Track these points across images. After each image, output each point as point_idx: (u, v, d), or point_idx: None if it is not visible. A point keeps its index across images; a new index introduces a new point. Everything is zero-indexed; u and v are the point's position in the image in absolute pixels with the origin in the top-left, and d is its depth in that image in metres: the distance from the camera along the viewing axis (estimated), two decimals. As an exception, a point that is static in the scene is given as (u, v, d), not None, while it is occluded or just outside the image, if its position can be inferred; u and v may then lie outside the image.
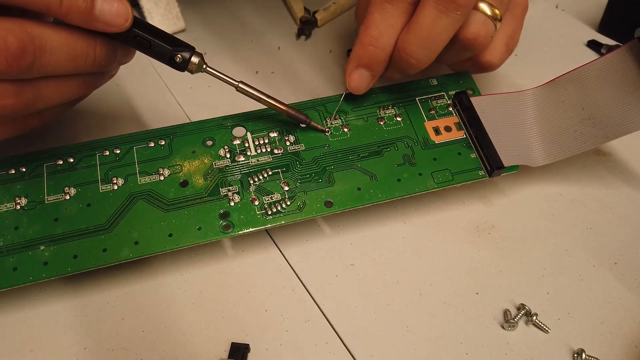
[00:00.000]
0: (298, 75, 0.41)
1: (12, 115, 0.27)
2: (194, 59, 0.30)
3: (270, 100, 0.32)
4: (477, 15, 0.31)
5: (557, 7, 0.48)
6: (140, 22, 0.29)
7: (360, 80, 0.33)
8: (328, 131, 0.34)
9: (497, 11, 0.32)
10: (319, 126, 0.34)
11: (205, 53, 0.42)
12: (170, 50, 0.29)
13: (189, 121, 0.37)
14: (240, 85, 0.31)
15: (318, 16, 0.45)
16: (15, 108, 0.26)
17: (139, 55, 0.42)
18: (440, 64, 0.37)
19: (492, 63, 0.35)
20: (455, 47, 0.32)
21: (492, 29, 0.32)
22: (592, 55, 0.44)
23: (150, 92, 0.40)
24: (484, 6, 0.31)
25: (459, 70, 0.37)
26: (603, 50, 0.44)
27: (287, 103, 0.33)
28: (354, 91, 0.34)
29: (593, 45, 0.45)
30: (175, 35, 0.31)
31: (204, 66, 0.31)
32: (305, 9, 0.45)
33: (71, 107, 0.32)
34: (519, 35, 0.36)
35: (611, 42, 0.44)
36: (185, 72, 0.30)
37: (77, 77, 0.29)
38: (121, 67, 0.41)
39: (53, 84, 0.28)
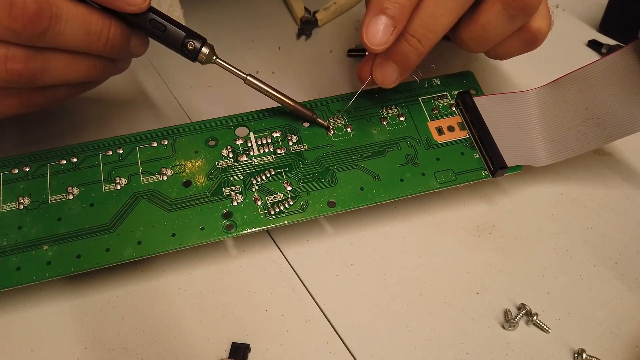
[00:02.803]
0: (298, 75, 0.41)
1: (18, 84, 0.27)
2: (205, 50, 0.30)
3: (277, 95, 0.32)
4: (542, 9, 0.31)
5: (557, 6, 0.48)
6: (155, 9, 0.29)
7: (391, 74, 0.31)
8: (331, 130, 0.34)
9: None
10: (325, 123, 0.34)
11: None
12: (183, 37, 0.30)
13: (190, 121, 0.37)
14: (249, 78, 0.32)
15: (318, 16, 0.45)
16: (22, 75, 0.26)
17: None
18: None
19: (542, 30, 0.32)
20: (509, 14, 0.30)
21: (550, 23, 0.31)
22: (592, 55, 0.44)
23: (151, 92, 0.40)
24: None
25: (504, 51, 0.34)
26: (604, 50, 0.44)
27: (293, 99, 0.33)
28: (384, 85, 0.32)
29: (594, 45, 0.45)
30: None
31: (214, 57, 0.31)
32: (306, 9, 0.45)
33: (77, 94, 0.32)
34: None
35: (612, 42, 0.44)
36: (196, 62, 0.31)
37: (88, 58, 0.29)
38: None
39: (63, 59, 0.28)
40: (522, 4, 0.29)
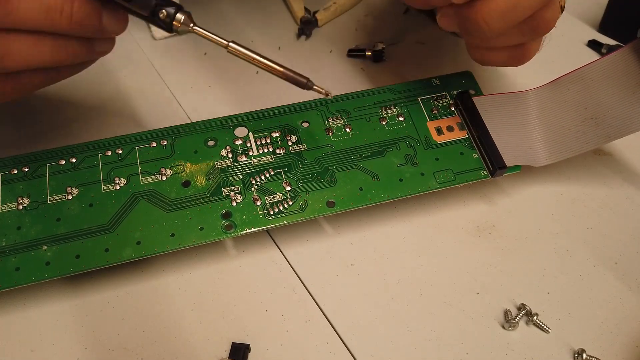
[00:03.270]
0: (299, 75, 0.41)
1: None
2: (179, 16, 0.27)
3: (265, 61, 0.30)
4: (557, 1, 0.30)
5: (557, 7, 0.48)
6: None
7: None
8: (330, 95, 0.31)
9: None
10: (322, 89, 0.31)
11: (205, 53, 0.42)
12: (152, 5, 0.27)
13: (190, 121, 0.37)
14: (231, 44, 0.29)
15: (318, 16, 0.45)
16: None
17: (139, 55, 0.42)
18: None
19: (531, 52, 0.33)
20: (523, 26, 0.30)
21: (558, 17, 0.31)
22: (592, 55, 0.44)
23: (151, 92, 0.40)
24: None
25: (490, 60, 0.34)
26: (603, 50, 0.44)
27: (284, 71, 0.30)
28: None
29: (593, 45, 0.45)
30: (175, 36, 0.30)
31: (191, 25, 0.28)
32: (306, 9, 0.45)
33: (53, 81, 0.29)
34: None
35: (612, 42, 0.44)
36: (173, 33, 0.28)
37: (54, 38, 0.26)
38: (121, 67, 0.41)
39: (25, 40, 0.25)
40: (541, 25, 0.30)
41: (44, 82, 0.29)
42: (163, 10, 0.27)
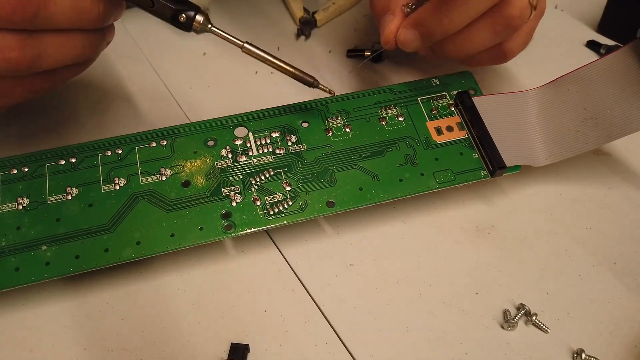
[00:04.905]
0: (298, 75, 0.41)
1: (18, 72, 0.27)
2: (199, 18, 0.29)
3: (277, 62, 0.32)
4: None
5: (556, 7, 0.48)
6: None
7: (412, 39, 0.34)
8: (334, 93, 0.33)
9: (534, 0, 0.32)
10: (327, 88, 0.33)
11: (204, 54, 0.42)
12: (173, 9, 0.29)
13: (189, 121, 0.37)
14: (246, 45, 0.31)
15: (317, 16, 0.45)
16: (20, 62, 0.26)
17: (138, 55, 0.42)
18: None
19: (512, 51, 0.35)
20: (493, 25, 0.32)
21: (528, 14, 0.32)
22: (591, 55, 0.44)
23: (150, 92, 0.40)
24: None
25: (474, 62, 0.37)
26: (602, 51, 0.44)
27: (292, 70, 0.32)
28: (404, 47, 0.34)
29: (592, 45, 0.45)
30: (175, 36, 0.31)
31: (209, 26, 0.30)
32: (305, 9, 0.45)
33: (78, 73, 0.31)
34: (532, 36, 0.36)
35: (610, 43, 0.44)
36: (191, 32, 0.30)
37: (82, 34, 0.28)
38: (121, 67, 0.41)
39: (58, 39, 0.27)
40: (507, 22, 0.32)
41: (71, 75, 0.31)
42: (183, 15, 0.29)
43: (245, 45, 0.31)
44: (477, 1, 0.31)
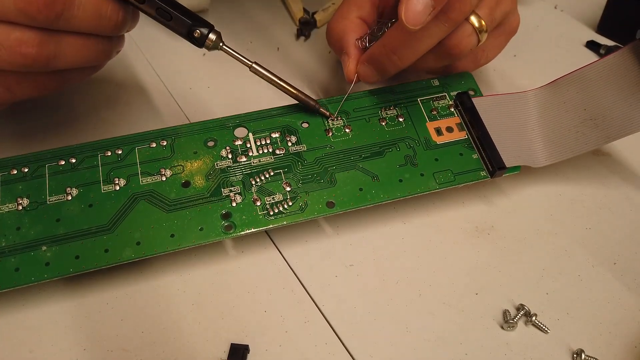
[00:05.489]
0: (297, 76, 0.41)
1: (32, 67, 0.27)
2: (212, 36, 0.31)
3: (282, 83, 0.33)
4: (465, 26, 0.32)
5: (555, 7, 0.48)
6: None
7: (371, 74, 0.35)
8: (333, 117, 0.34)
9: (484, 24, 0.32)
10: (327, 112, 0.34)
11: (204, 54, 0.42)
12: (189, 25, 0.30)
13: (189, 122, 0.37)
14: (254, 65, 0.32)
15: (317, 17, 0.45)
16: (36, 59, 0.27)
17: (138, 56, 0.42)
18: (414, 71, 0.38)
19: (463, 68, 0.37)
20: (436, 52, 0.33)
21: (474, 42, 0.33)
22: (591, 55, 0.44)
23: (150, 92, 0.40)
24: (473, 19, 0.32)
25: (432, 73, 0.38)
26: (602, 51, 0.44)
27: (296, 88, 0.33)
28: (365, 80, 0.35)
29: (592, 45, 0.45)
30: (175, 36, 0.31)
31: (221, 44, 0.31)
32: (304, 10, 0.45)
33: (88, 76, 0.32)
34: (495, 54, 0.37)
35: (610, 43, 0.44)
36: (203, 49, 0.31)
37: (98, 40, 0.29)
38: (120, 68, 0.41)
39: (75, 42, 0.28)
40: (452, 52, 0.33)
41: (79, 79, 0.31)
42: (198, 31, 0.30)
43: (254, 65, 0.32)
44: (423, 42, 0.32)
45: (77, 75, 0.31)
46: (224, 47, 0.31)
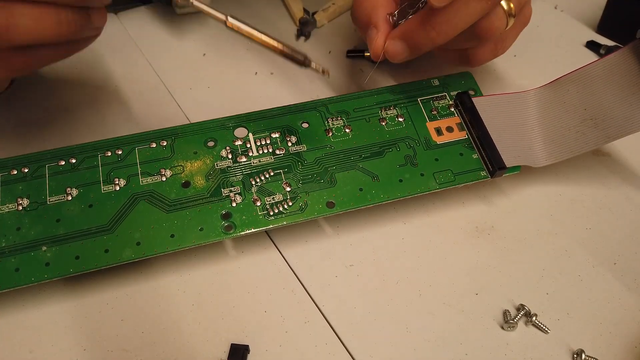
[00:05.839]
0: (297, 76, 0.41)
1: None
2: None
3: (263, 37, 0.30)
4: (498, 8, 0.32)
5: (556, 7, 0.48)
6: None
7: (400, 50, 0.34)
8: (328, 73, 0.32)
9: (512, 7, 0.32)
10: (320, 68, 0.32)
11: (204, 54, 0.42)
12: None
13: (189, 122, 0.37)
14: (230, 19, 0.29)
15: (317, 17, 0.45)
16: None
17: (138, 56, 0.42)
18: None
19: (480, 61, 0.36)
20: (467, 32, 0.32)
21: (504, 25, 0.33)
22: (591, 55, 0.44)
23: (150, 93, 0.40)
24: (503, 2, 0.32)
25: (443, 58, 0.38)
26: (602, 51, 0.44)
27: (285, 46, 0.31)
28: (392, 59, 0.34)
29: (592, 45, 0.45)
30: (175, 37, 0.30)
31: (190, 0, 0.29)
32: (305, 10, 0.45)
33: (60, 57, 0.29)
34: (510, 44, 0.36)
35: (610, 43, 0.44)
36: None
37: (55, 10, 0.26)
38: (120, 68, 0.41)
39: (28, 12, 0.25)
40: (482, 34, 0.33)
41: (51, 58, 0.29)
42: None
43: (229, 19, 0.29)
44: (463, 19, 0.31)
45: (48, 53, 0.28)
46: (194, 3, 0.29)
